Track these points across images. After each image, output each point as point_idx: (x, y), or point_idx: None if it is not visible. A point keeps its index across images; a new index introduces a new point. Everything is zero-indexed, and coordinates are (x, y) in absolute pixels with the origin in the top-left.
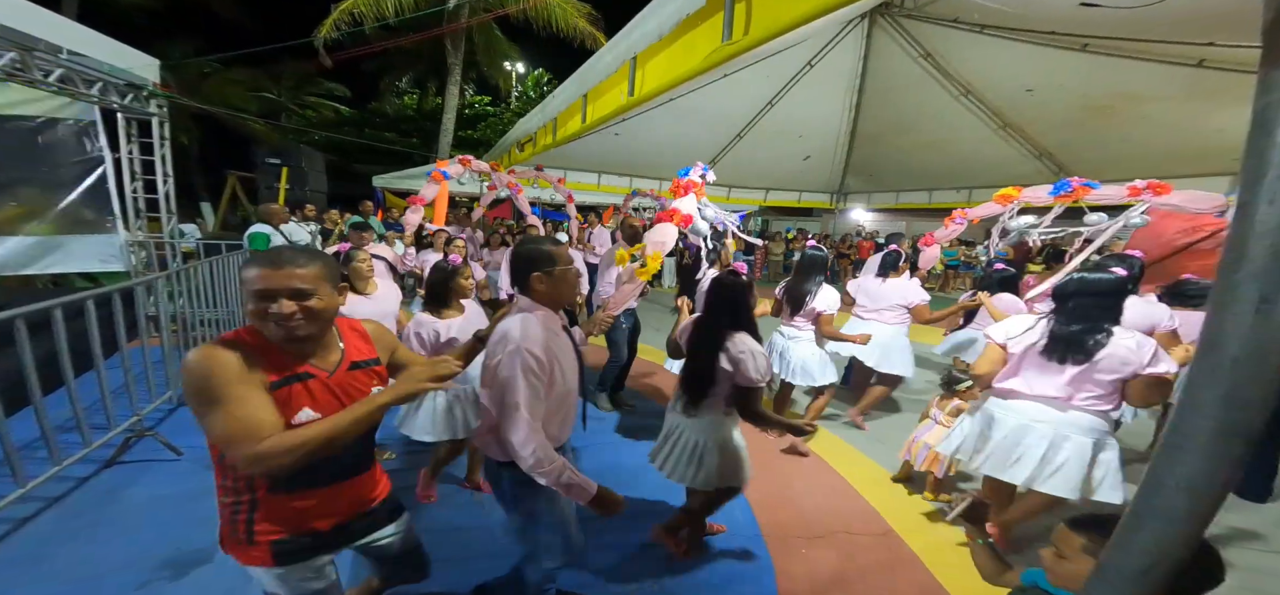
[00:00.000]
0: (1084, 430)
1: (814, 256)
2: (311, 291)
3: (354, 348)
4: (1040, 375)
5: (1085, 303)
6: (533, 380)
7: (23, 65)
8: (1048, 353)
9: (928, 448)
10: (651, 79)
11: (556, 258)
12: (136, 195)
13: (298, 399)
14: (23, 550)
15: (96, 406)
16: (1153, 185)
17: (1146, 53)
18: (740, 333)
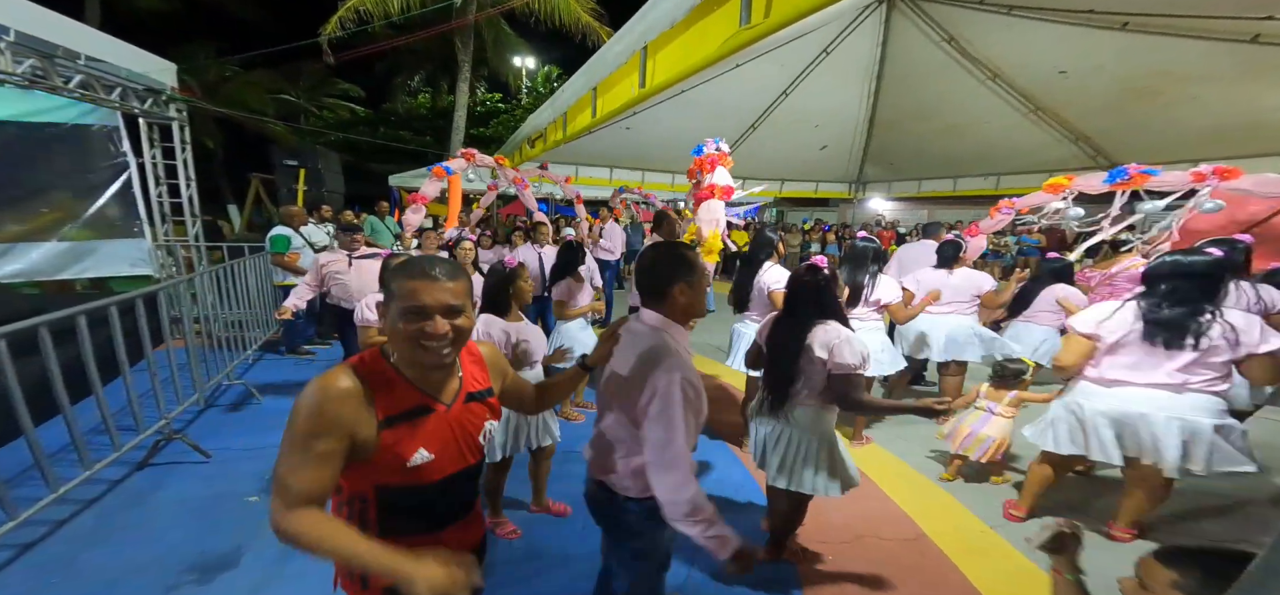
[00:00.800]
0: (1204, 412)
1: (865, 247)
2: (461, 308)
3: (469, 375)
4: (1147, 361)
5: (1181, 285)
6: (690, 411)
7: (44, 72)
8: (1149, 337)
9: (990, 441)
10: (663, 69)
11: (697, 264)
12: (161, 199)
13: (412, 437)
14: (54, 552)
15: (126, 411)
16: (1219, 170)
17: (1194, 29)
18: (831, 322)
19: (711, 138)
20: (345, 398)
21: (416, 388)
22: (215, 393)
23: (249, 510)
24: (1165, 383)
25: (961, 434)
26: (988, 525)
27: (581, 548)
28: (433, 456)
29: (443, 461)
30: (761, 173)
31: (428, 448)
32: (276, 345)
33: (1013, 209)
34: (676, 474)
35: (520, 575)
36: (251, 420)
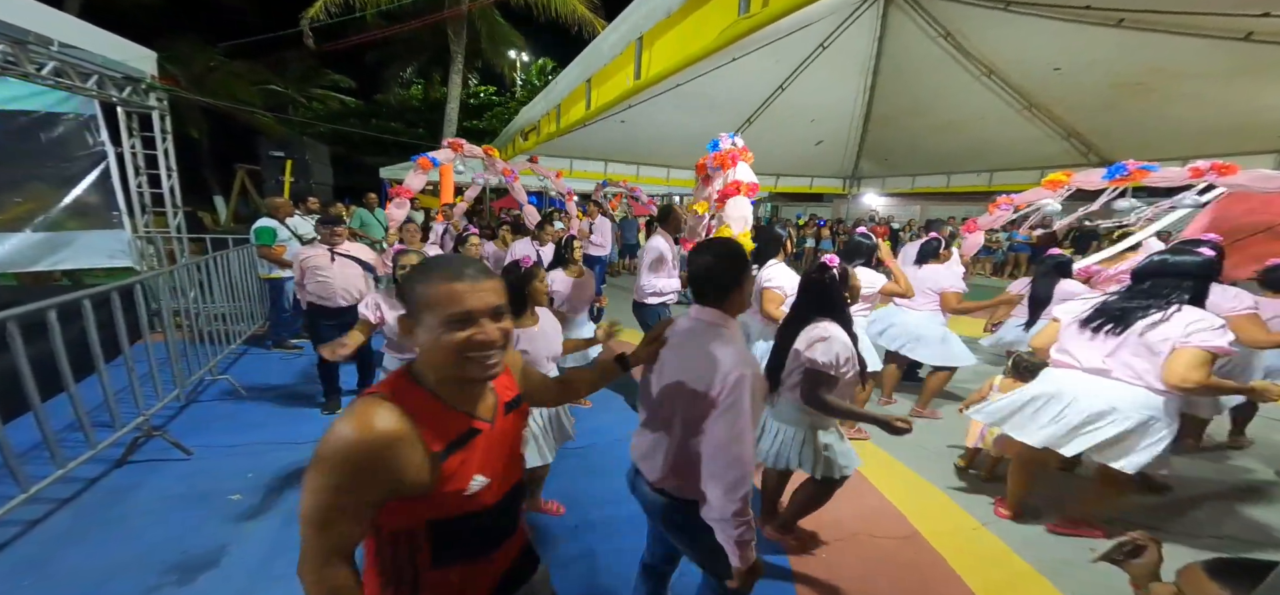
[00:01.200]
0: (1134, 406)
1: (859, 242)
2: (504, 308)
3: (500, 384)
4: (1082, 345)
5: (1164, 282)
6: (756, 409)
7: (15, 58)
8: (1090, 323)
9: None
10: (659, 60)
11: (747, 259)
12: (141, 190)
13: (468, 465)
14: (28, 554)
15: (102, 407)
16: (1217, 166)
17: (1188, 27)
18: (823, 320)
19: (724, 133)
20: (392, 442)
21: (459, 409)
22: (197, 388)
23: (232, 509)
24: (1094, 367)
25: (976, 428)
26: (982, 524)
27: (575, 547)
28: (489, 480)
29: (496, 483)
30: (756, 168)
31: (484, 472)
32: (262, 339)
33: (1011, 205)
34: (737, 472)
35: None
36: (235, 416)
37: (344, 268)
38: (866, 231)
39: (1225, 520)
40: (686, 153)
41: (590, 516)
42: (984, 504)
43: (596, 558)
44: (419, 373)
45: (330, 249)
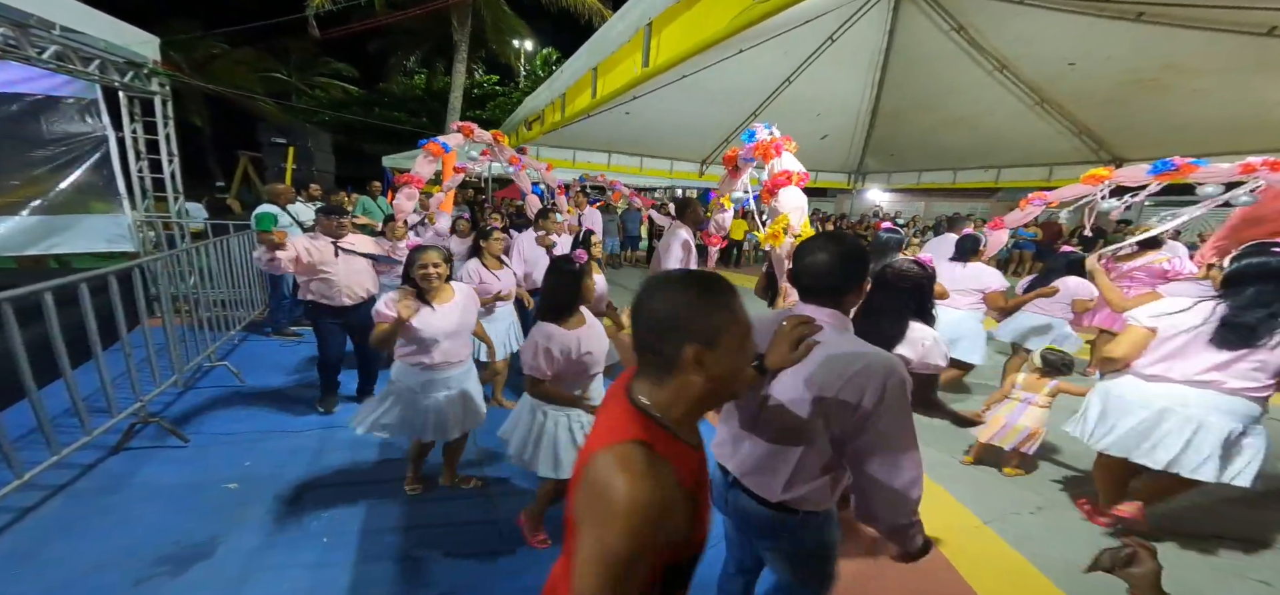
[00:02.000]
0: (1234, 415)
1: (888, 239)
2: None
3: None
4: (1198, 359)
5: (1268, 288)
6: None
7: (16, 41)
8: (1219, 340)
9: (1025, 431)
10: (668, 47)
11: (867, 257)
12: (142, 175)
13: (705, 500)
14: (21, 541)
15: (99, 393)
16: (1270, 162)
17: (1209, 21)
18: (916, 322)
19: (759, 123)
20: (675, 488)
21: (690, 444)
22: (195, 374)
23: (227, 497)
24: (1209, 381)
25: (997, 424)
26: (983, 521)
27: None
28: (710, 506)
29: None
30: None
31: (710, 504)
32: (261, 325)
33: (1042, 202)
34: (913, 472)
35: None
36: (232, 404)
37: (349, 264)
38: (891, 227)
39: (1229, 519)
40: (691, 145)
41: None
42: (984, 502)
43: None
44: (652, 407)
45: (334, 243)
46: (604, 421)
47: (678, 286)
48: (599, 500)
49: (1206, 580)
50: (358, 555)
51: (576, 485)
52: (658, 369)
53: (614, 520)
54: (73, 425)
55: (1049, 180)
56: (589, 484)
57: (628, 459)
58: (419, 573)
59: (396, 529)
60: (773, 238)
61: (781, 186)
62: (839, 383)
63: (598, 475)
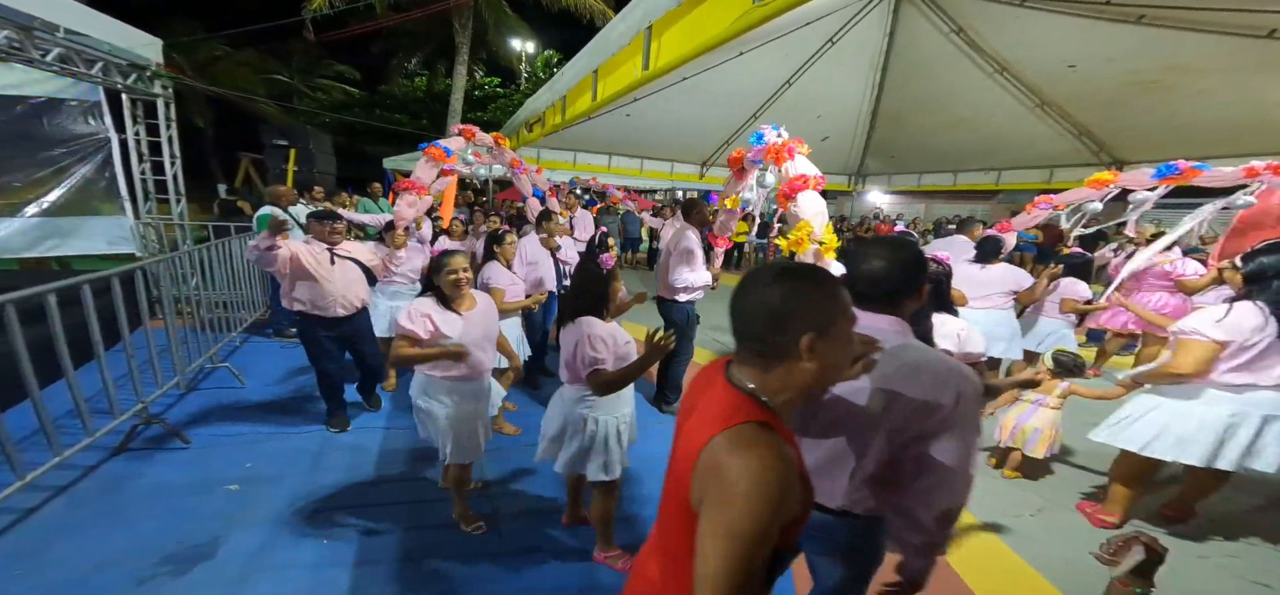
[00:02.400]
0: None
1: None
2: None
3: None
4: (1266, 365)
5: None
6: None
7: (20, 44)
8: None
9: (1038, 432)
10: (669, 50)
11: (925, 262)
12: (145, 177)
13: (809, 485)
14: (24, 542)
15: (101, 395)
16: (1274, 166)
17: (1210, 23)
18: (941, 314)
19: (767, 125)
20: (794, 478)
21: (790, 428)
22: (197, 376)
23: (229, 498)
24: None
25: (1007, 426)
26: (983, 522)
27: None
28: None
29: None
30: None
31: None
32: (263, 327)
33: (1049, 205)
34: (970, 487)
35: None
36: (234, 406)
37: (344, 271)
38: (907, 230)
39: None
40: (692, 147)
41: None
42: (984, 503)
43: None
44: (759, 391)
45: (329, 250)
46: (710, 407)
47: (792, 278)
48: (727, 479)
49: (1210, 581)
50: (358, 556)
51: (688, 471)
52: (765, 356)
53: (745, 498)
54: (75, 427)
55: (1050, 182)
56: (712, 466)
57: (754, 438)
58: (419, 573)
59: (396, 529)
60: (796, 244)
61: (800, 191)
62: (909, 392)
63: (722, 457)
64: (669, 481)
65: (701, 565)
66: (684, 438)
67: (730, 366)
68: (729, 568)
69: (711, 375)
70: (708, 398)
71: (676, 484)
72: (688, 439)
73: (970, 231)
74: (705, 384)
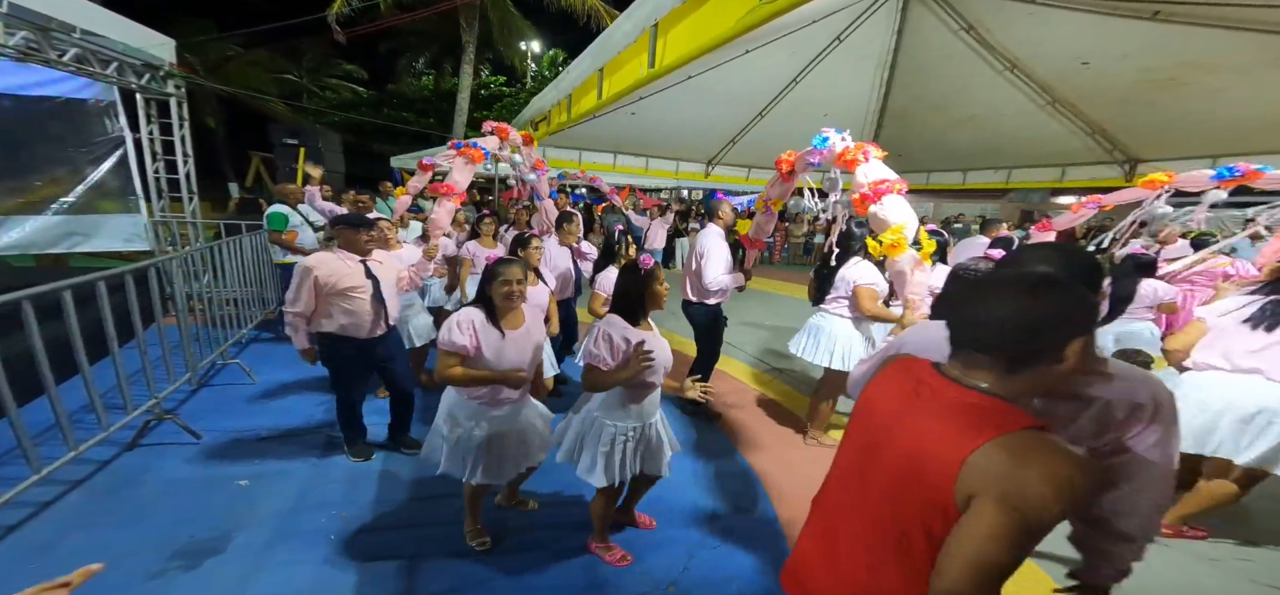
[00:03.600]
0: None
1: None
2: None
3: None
4: (1239, 346)
5: None
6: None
7: (38, 45)
8: (1256, 320)
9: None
10: (674, 48)
11: (1102, 270)
12: (158, 175)
13: None
14: (38, 536)
15: (115, 390)
16: None
17: (1226, 19)
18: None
19: (829, 128)
20: (1090, 472)
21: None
22: (208, 372)
23: (238, 494)
24: (1249, 367)
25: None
26: None
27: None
28: None
29: None
30: (766, 162)
31: None
32: (273, 324)
33: (1096, 205)
34: (1170, 490)
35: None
36: (244, 401)
37: (385, 285)
38: (937, 229)
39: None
40: (697, 145)
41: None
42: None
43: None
44: (1002, 394)
45: (363, 261)
46: (955, 412)
47: (1060, 287)
48: (1026, 482)
49: (1221, 584)
50: (364, 553)
51: (946, 474)
52: (1015, 360)
53: (1056, 497)
54: (90, 421)
55: (1061, 181)
56: (994, 471)
57: (1046, 442)
58: (423, 571)
59: (402, 527)
60: (892, 248)
61: (884, 194)
62: (1118, 393)
63: (1013, 462)
64: (883, 484)
65: (974, 554)
66: (910, 437)
67: (941, 369)
68: (1010, 561)
69: (918, 376)
70: (940, 402)
71: (905, 486)
72: (921, 438)
73: (991, 231)
74: (927, 394)
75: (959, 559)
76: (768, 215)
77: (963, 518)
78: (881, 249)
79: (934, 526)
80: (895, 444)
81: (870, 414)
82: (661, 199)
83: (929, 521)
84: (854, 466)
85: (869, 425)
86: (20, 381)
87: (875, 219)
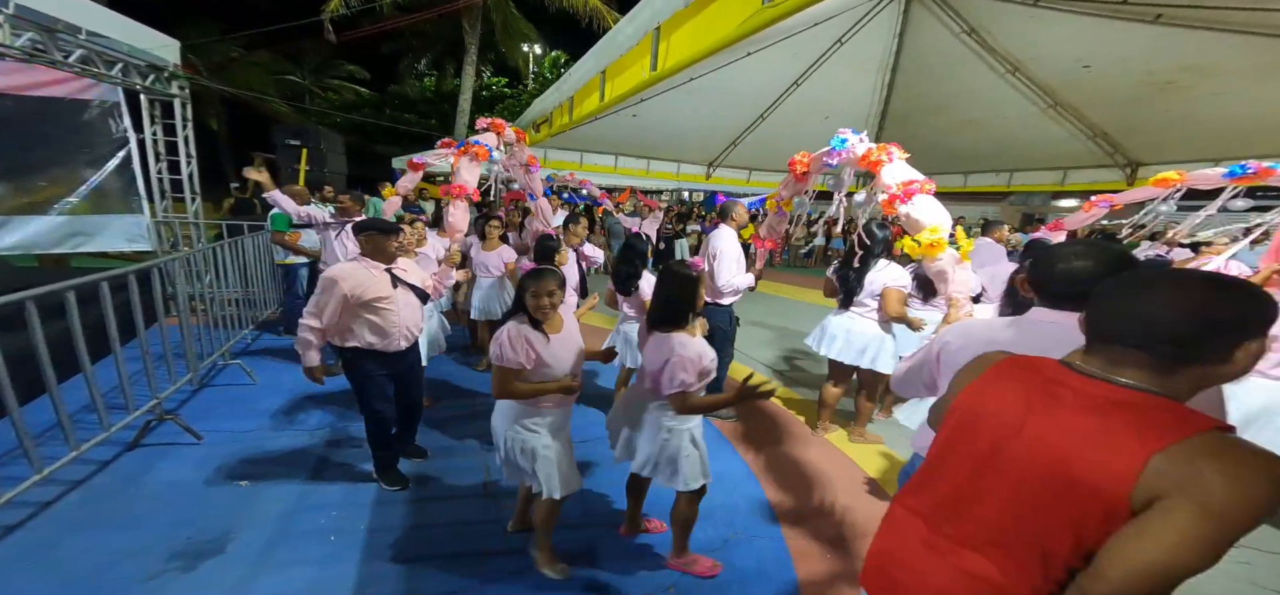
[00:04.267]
0: None
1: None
2: None
3: None
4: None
5: None
6: None
7: (43, 45)
8: None
9: None
10: (677, 51)
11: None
12: (161, 176)
13: None
14: (38, 536)
15: (116, 390)
16: None
17: (1228, 23)
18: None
19: (846, 128)
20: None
21: None
22: (209, 373)
23: (238, 495)
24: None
25: None
26: None
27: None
28: None
29: None
30: (767, 164)
31: None
32: (274, 325)
33: (1108, 204)
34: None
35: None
36: (245, 402)
37: (406, 296)
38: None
39: None
40: (698, 147)
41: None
42: None
43: (617, 557)
44: (1161, 392)
45: (390, 270)
46: (1123, 414)
47: (1237, 288)
48: (1227, 486)
49: (1221, 586)
50: (364, 554)
51: (1124, 477)
52: (1179, 359)
53: (1267, 500)
54: (91, 422)
55: (1063, 184)
56: (1193, 477)
57: (1248, 447)
58: (424, 572)
59: (403, 528)
60: (930, 248)
61: (915, 195)
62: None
63: (1211, 468)
64: (1011, 481)
65: (1155, 559)
66: (1054, 434)
67: (1076, 366)
68: (1197, 568)
69: (1046, 374)
70: (1089, 399)
71: (1046, 483)
72: (1070, 435)
73: (994, 233)
74: (1041, 382)
75: (1130, 562)
76: (780, 216)
77: (1139, 520)
78: (920, 249)
79: (1089, 525)
80: (1028, 442)
81: (980, 414)
82: (661, 201)
83: (1083, 520)
84: (963, 466)
85: (980, 425)
86: (20, 381)
87: (908, 220)
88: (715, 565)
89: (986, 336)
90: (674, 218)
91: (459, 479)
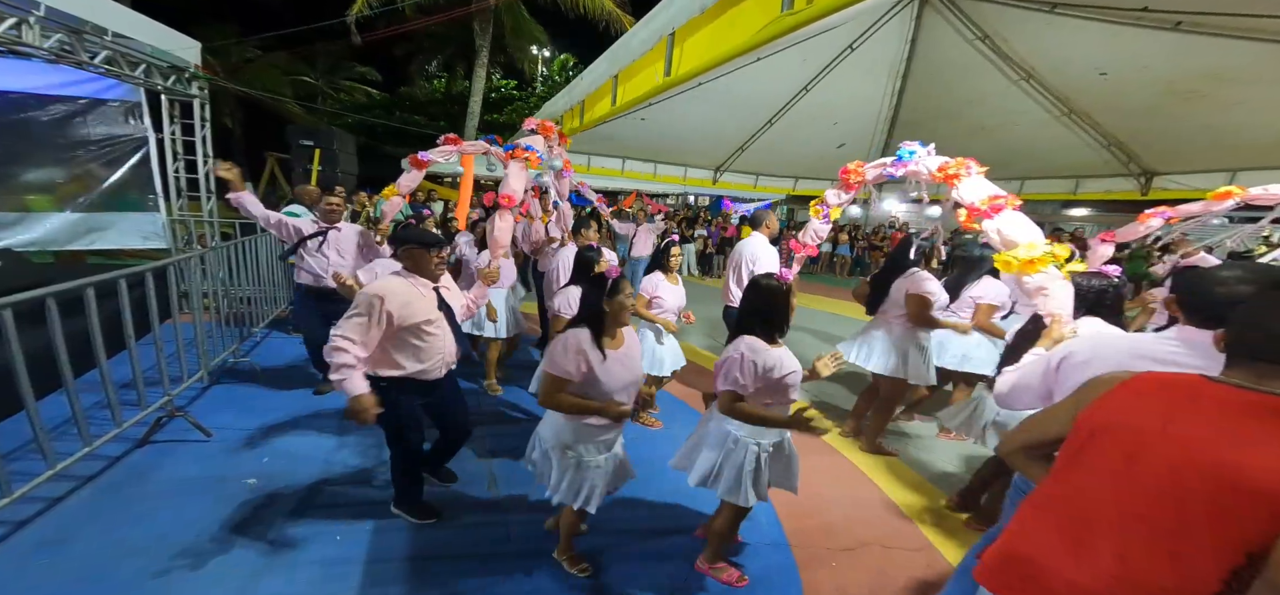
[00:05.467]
0: None
1: (980, 256)
2: None
3: None
4: None
5: None
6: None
7: (71, 47)
8: None
9: None
10: (691, 57)
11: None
12: (178, 175)
13: None
14: (48, 531)
15: (130, 386)
16: None
17: (1251, 30)
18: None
19: (913, 141)
20: None
21: None
22: (219, 370)
23: (247, 493)
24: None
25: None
26: None
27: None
28: None
29: None
30: (775, 169)
31: None
32: (284, 323)
33: (1164, 216)
34: None
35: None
36: (255, 400)
37: (447, 315)
38: (927, 238)
39: None
40: (706, 151)
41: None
42: None
43: (619, 565)
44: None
45: (436, 289)
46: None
47: None
48: None
49: None
50: (370, 554)
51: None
52: None
53: None
54: (103, 417)
55: (1075, 193)
56: None
57: None
58: (429, 573)
59: (409, 529)
60: (1028, 264)
61: (1000, 211)
62: None
63: None
64: (1163, 489)
65: None
66: (1222, 446)
67: (1227, 381)
68: None
69: (1196, 390)
70: (1260, 411)
71: (1216, 494)
72: (1243, 447)
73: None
74: (1188, 395)
75: None
76: (825, 222)
77: None
78: (1017, 265)
79: (1250, 525)
80: (1174, 445)
81: (1120, 427)
82: (667, 205)
83: (1244, 520)
84: (1104, 477)
85: (1121, 437)
86: (34, 376)
87: (1000, 236)
88: (742, 577)
89: (1134, 349)
90: (680, 222)
91: (466, 480)
